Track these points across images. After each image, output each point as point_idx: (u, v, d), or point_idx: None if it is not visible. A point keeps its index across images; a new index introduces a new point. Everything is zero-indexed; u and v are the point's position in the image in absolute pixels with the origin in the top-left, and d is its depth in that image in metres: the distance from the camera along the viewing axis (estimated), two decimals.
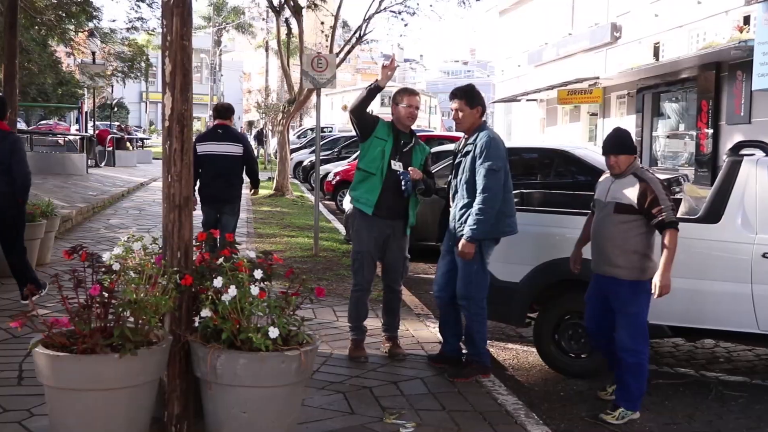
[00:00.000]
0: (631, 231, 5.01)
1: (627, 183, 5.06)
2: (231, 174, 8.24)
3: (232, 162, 8.20)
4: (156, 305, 3.98)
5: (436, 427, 4.69)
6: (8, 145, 6.99)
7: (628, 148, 5.14)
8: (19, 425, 4.41)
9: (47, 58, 27.30)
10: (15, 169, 6.93)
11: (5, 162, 6.91)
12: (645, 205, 4.94)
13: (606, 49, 29.39)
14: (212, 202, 8.21)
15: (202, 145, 8.14)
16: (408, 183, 5.79)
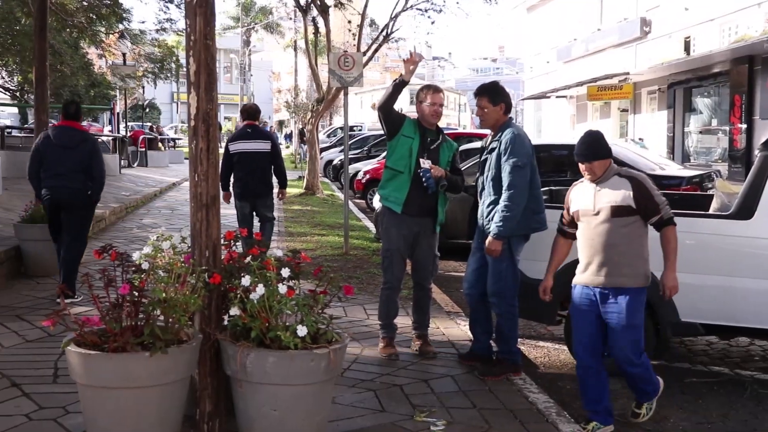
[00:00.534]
0: (633, 234, 4.70)
1: (615, 185, 4.71)
2: (262, 169, 8.83)
3: (262, 158, 8.79)
4: (185, 304, 4.00)
5: (467, 425, 4.67)
6: (90, 146, 7.61)
7: (603, 152, 4.75)
8: (55, 422, 4.47)
9: (79, 60, 27.58)
10: (95, 169, 7.50)
11: (84, 162, 7.45)
12: (643, 204, 4.65)
13: (636, 44, 29.15)
14: (246, 196, 8.80)
15: (234, 144, 8.80)
16: (429, 180, 5.76)
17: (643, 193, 4.66)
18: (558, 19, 36.45)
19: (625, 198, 4.66)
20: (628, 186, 4.67)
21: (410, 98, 52.73)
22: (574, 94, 34.47)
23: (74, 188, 7.45)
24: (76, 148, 7.48)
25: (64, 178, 7.42)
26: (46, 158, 7.49)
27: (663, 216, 4.69)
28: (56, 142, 7.49)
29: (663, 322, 5.82)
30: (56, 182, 7.44)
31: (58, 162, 7.44)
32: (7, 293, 7.87)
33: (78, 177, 7.45)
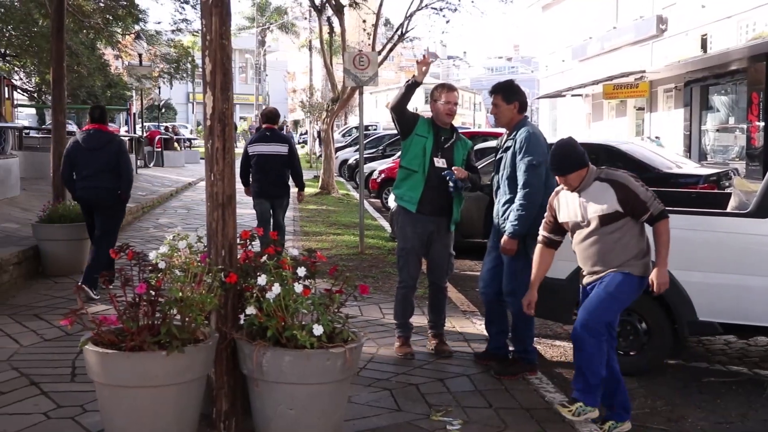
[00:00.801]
0: (626, 236, 4.61)
1: (598, 191, 4.60)
2: (279, 171, 9.13)
3: (279, 160, 9.07)
4: (202, 303, 4.01)
5: (483, 424, 4.66)
6: (116, 147, 7.95)
7: (577, 163, 4.63)
8: (73, 421, 4.49)
9: (96, 60, 27.73)
10: (122, 168, 7.87)
11: (112, 162, 7.80)
12: (630, 205, 4.55)
13: (652, 42, 29.01)
14: (264, 196, 9.11)
15: (253, 146, 9.13)
16: (455, 183, 5.76)
17: (627, 195, 4.54)
18: (573, 17, 36.32)
19: (611, 204, 4.55)
20: (610, 190, 4.56)
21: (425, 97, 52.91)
22: (590, 93, 34.33)
23: (104, 188, 7.80)
24: (102, 149, 7.82)
25: (94, 179, 7.78)
26: (76, 161, 7.86)
27: (652, 212, 4.57)
28: (84, 146, 7.86)
29: (680, 321, 5.79)
30: (87, 183, 7.82)
31: (87, 164, 7.80)
32: (25, 293, 7.93)
33: (106, 177, 7.79)
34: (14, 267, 8.17)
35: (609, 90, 29.35)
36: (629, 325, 5.94)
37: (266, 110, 9.73)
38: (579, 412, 4.61)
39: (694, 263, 5.72)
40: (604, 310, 4.64)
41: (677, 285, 5.69)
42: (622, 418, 4.78)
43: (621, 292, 4.64)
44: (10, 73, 28.59)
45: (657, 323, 5.89)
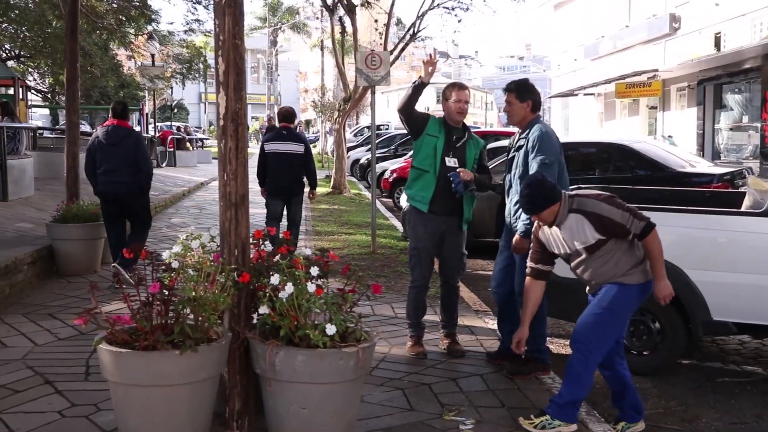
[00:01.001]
0: (618, 253, 4.51)
1: (575, 223, 4.52)
2: (294, 169, 9.32)
3: (295, 159, 9.27)
4: (215, 302, 4.02)
5: (496, 424, 4.65)
6: (133, 141, 8.23)
7: (547, 202, 4.55)
8: (87, 420, 4.51)
9: (109, 61, 27.89)
10: (140, 161, 8.13)
11: (131, 156, 8.08)
12: (611, 231, 4.46)
13: (665, 40, 28.88)
14: (280, 194, 9.29)
15: (270, 145, 9.33)
16: (459, 184, 5.75)
17: (605, 224, 4.45)
18: (585, 16, 36.21)
19: (592, 235, 4.49)
20: (586, 221, 4.48)
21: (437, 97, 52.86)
22: (602, 92, 34.22)
23: (125, 182, 8.11)
24: (120, 144, 8.10)
25: (115, 174, 8.08)
26: (98, 157, 8.15)
27: (635, 232, 4.44)
28: (105, 141, 8.15)
29: (694, 320, 5.76)
30: (108, 178, 8.11)
31: (108, 159, 8.09)
32: (39, 292, 7.97)
33: (127, 171, 8.09)
34: (28, 266, 8.21)
35: (621, 89, 29.23)
36: (642, 325, 5.93)
37: (283, 109, 9.92)
38: (544, 425, 4.53)
39: (708, 263, 5.70)
40: (595, 324, 4.53)
41: (691, 285, 5.67)
42: (634, 419, 4.76)
43: (616, 304, 4.53)
44: (24, 74, 28.77)
45: (670, 323, 5.87)
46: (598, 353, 4.56)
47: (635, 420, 4.76)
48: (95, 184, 8.28)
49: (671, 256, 5.68)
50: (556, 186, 4.65)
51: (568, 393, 4.56)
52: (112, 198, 8.25)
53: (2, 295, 7.42)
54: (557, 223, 4.60)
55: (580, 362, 4.54)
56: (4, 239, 9.09)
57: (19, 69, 28.76)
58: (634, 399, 4.77)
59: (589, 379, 4.57)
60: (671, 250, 5.71)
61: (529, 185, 4.63)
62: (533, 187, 4.60)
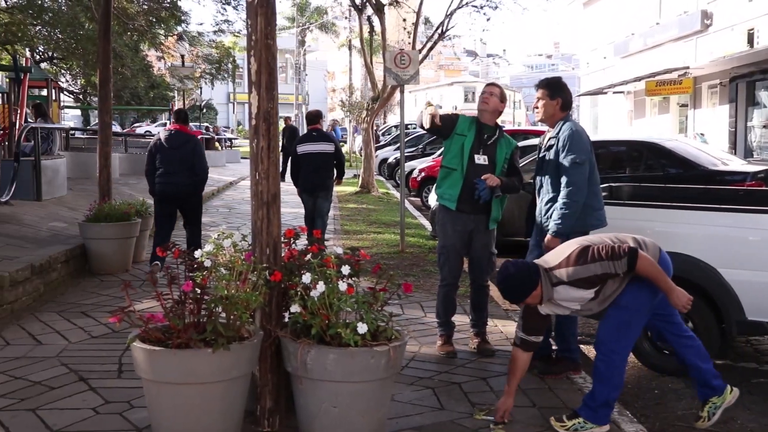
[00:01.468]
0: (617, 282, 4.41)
1: (564, 292, 4.43)
2: (325, 167, 9.96)
3: (325, 158, 9.92)
4: (247, 301, 4.05)
5: (526, 423, 4.63)
6: (192, 146, 8.78)
7: (525, 292, 4.43)
8: (121, 417, 4.56)
9: (139, 62, 28.18)
10: (198, 165, 8.70)
11: (189, 160, 8.64)
12: (598, 283, 4.36)
13: (696, 37, 28.55)
14: (311, 190, 9.92)
15: (302, 146, 9.95)
16: (483, 190, 5.74)
17: (588, 281, 4.35)
18: (615, 13, 35.91)
19: (586, 293, 4.41)
20: (574, 288, 4.38)
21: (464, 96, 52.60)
22: (632, 90, 33.92)
23: (182, 183, 8.67)
24: (181, 148, 8.67)
25: (174, 175, 8.63)
26: (160, 159, 8.68)
27: (621, 272, 4.31)
28: (166, 144, 8.70)
29: (728, 320, 5.70)
30: (167, 179, 8.65)
31: (168, 161, 8.64)
32: (72, 290, 8.07)
33: (184, 173, 8.65)
34: (62, 265, 8.32)
35: (651, 87, 28.94)
36: None
37: (309, 113, 10.54)
38: (576, 428, 4.50)
39: (742, 262, 5.63)
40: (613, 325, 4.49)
41: (725, 284, 5.61)
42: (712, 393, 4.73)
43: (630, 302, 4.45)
44: (56, 75, 29.15)
45: (704, 323, 5.80)
46: (621, 352, 4.52)
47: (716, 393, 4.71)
48: (152, 183, 8.78)
49: (705, 256, 5.65)
50: (529, 272, 4.46)
51: (598, 394, 4.52)
52: (167, 198, 8.73)
53: (37, 293, 7.53)
54: (548, 299, 4.50)
55: (604, 363, 4.51)
56: (38, 238, 9.22)
57: (52, 71, 29.17)
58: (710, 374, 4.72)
59: (616, 379, 4.52)
60: (705, 249, 5.67)
61: (502, 279, 4.49)
62: (507, 282, 4.47)
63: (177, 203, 8.82)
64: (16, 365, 5.50)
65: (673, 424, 4.98)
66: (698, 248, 5.71)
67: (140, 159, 21.63)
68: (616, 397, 4.58)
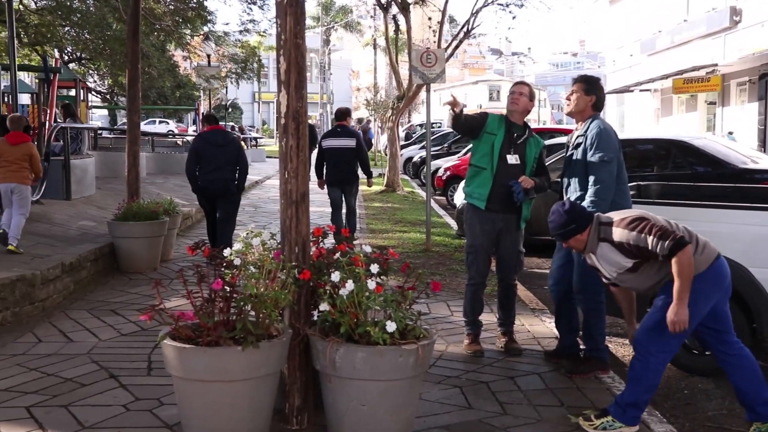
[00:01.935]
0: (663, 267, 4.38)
1: (607, 252, 4.48)
2: (346, 162, 10.48)
3: (348, 152, 10.45)
4: (276, 299, 4.07)
5: (555, 423, 4.62)
6: (237, 144, 9.56)
7: (573, 230, 4.53)
8: (151, 414, 4.61)
9: (166, 62, 28.40)
10: (241, 161, 9.38)
11: (233, 158, 9.28)
12: (640, 255, 4.36)
13: (725, 34, 28.24)
14: (337, 183, 10.48)
15: (326, 141, 10.55)
16: (520, 193, 5.73)
17: (631, 251, 4.36)
18: (641, 11, 35.61)
19: (624, 262, 4.42)
20: (616, 250, 4.42)
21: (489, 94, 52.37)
22: (659, 88, 33.63)
23: (227, 179, 9.25)
24: (226, 146, 9.29)
25: (218, 172, 9.18)
26: (204, 156, 9.19)
27: (662, 254, 4.26)
28: (212, 143, 9.25)
29: (759, 320, 5.63)
30: (212, 176, 9.18)
31: (215, 158, 9.18)
32: (102, 289, 8.16)
33: (229, 169, 9.26)
34: (91, 263, 8.41)
35: (679, 84, 28.66)
36: None
37: (338, 110, 11.06)
38: (605, 426, 4.48)
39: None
40: (651, 327, 4.45)
41: (755, 283, 5.55)
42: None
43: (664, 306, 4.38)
44: (84, 75, 29.44)
45: (734, 323, 5.73)
46: (659, 356, 4.46)
47: (760, 419, 4.53)
48: (196, 181, 9.28)
49: (735, 255, 5.58)
50: (582, 214, 4.55)
51: (629, 395, 4.50)
52: (211, 193, 9.27)
53: (67, 291, 7.63)
54: (590, 251, 4.55)
55: (640, 362, 4.47)
56: (68, 237, 9.32)
57: (80, 71, 29.48)
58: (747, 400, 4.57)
59: (650, 381, 4.47)
60: (735, 248, 5.61)
61: (555, 213, 4.59)
62: (559, 216, 4.56)
63: (220, 197, 9.27)
64: (48, 362, 5.58)
65: (703, 425, 4.93)
66: (728, 247, 5.63)
67: (166, 158, 21.86)
68: (647, 399, 4.54)
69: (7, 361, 5.58)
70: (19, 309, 6.72)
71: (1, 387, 5.01)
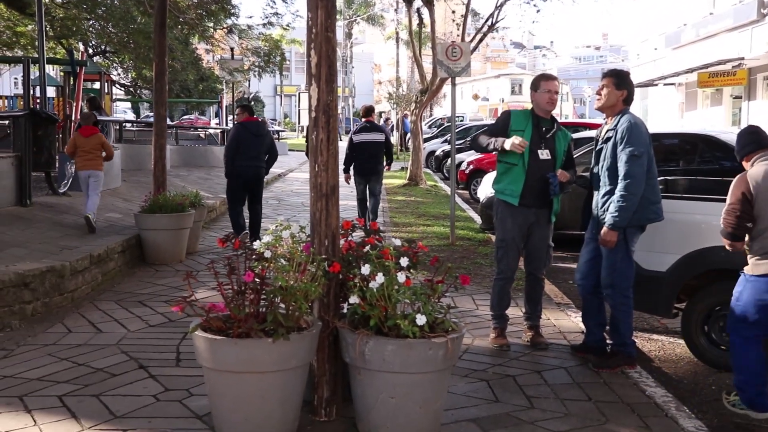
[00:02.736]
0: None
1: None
2: (377, 154, 11.49)
3: (377, 146, 11.46)
4: (306, 292, 4.09)
5: (583, 417, 4.61)
6: (270, 136, 10.52)
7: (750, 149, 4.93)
8: (181, 404, 4.65)
9: (189, 55, 28.51)
10: (272, 153, 10.36)
11: (267, 146, 10.22)
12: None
13: (752, 27, 27.92)
14: (365, 174, 11.41)
15: (358, 135, 11.42)
16: (556, 187, 5.73)
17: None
18: (666, 4, 35.30)
19: None
20: None
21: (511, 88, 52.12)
22: (683, 82, 33.34)
23: (260, 166, 10.15)
24: (263, 136, 10.19)
25: (256, 159, 10.05)
26: (243, 144, 9.91)
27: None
28: (252, 132, 10.02)
29: None
30: (250, 162, 9.98)
31: (253, 146, 9.98)
32: (129, 280, 8.24)
33: (262, 157, 10.16)
34: (119, 255, 8.49)
35: (704, 78, 28.39)
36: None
37: (364, 107, 12.24)
38: (735, 404, 4.92)
39: None
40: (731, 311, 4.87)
41: None
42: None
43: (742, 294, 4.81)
44: (108, 68, 29.65)
45: None
46: (736, 337, 4.85)
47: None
48: (233, 166, 9.96)
49: None
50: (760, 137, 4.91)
51: (735, 380, 4.88)
52: (246, 177, 10.03)
53: (95, 282, 7.70)
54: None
55: (733, 342, 4.90)
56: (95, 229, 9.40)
57: (104, 64, 29.69)
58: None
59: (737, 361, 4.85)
60: None
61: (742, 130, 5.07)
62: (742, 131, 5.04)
63: (254, 181, 10.15)
64: (78, 352, 5.64)
65: (731, 421, 4.90)
66: None
67: (190, 150, 21.97)
68: (743, 380, 4.83)
69: (39, 351, 5.65)
70: (49, 300, 6.80)
71: (33, 376, 5.08)
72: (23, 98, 15.62)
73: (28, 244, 7.92)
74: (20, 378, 5.04)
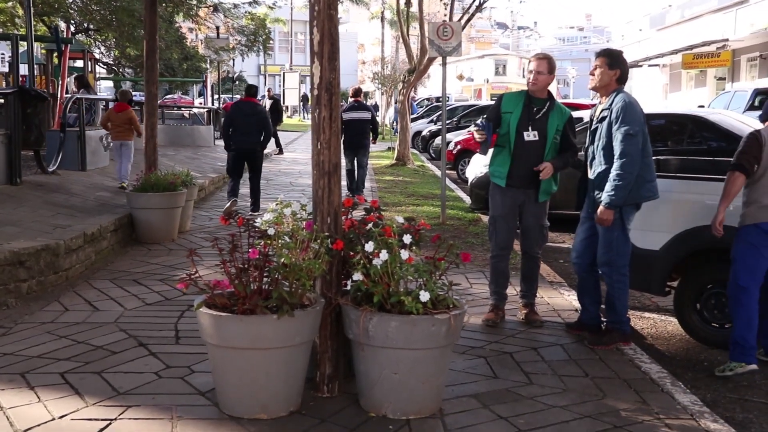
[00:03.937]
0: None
1: None
2: (363, 131, 13.29)
3: (364, 123, 13.26)
4: (310, 269, 4.12)
5: (581, 393, 4.68)
6: (263, 113, 11.55)
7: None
8: (183, 381, 4.67)
9: (173, 34, 28.25)
10: (266, 128, 11.38)
11: (260, 124, 11.25)
12: None
13: (736, 8, 28.10)
14: (353, 148, 13.20)
15: (347, 114, 12.96)
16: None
17: None
18: None
19: None
20: None
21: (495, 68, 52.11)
22: (668, 63, 33.51)
23: (255, 141, 11.25)
24: (255, 115, 11.23)
25: (248, 135, 11.15)
26: (236, 122, 11.12)
27: None
28: (244, 111, 11.19)
29: None
30: (244, 138, 11.14)
31: (245, 125, 11.11)
32: (122, 259, 8.22)
33: (256, 133, 11.23)
34: (111, 234, 8.47)
35: (688, 59, 28.56)
36: (724, 297, 5.83)
37: (353, 88, 13.86)
38: (723, 370, 5.30)
39: None
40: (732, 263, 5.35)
41: None
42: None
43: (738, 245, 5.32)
44: (91, 47, 29.34)
45: None
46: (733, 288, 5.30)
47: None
48: (229, 141, 11.21)
49: None
50: None
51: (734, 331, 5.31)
52: (244, 151, 11.22)
53: (89, 261, 7.69)
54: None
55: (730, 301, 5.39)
56: (86, 208, 9.38)
57: (86, 42, 29.37)
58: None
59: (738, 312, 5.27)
60: None
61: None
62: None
63: (248, 156, 11.31)
64: (77, 330, 5.65)
65: (724, 396, 5.00)
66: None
67: (176, 130, 21.84)
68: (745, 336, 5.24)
69: (37, 329, 5.65)
70: (44, 278, 6.79)
71: (34, 354, 5.08)
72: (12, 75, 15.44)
73: (20, 222, 7.89)
74: (21, 355, 5.04)
